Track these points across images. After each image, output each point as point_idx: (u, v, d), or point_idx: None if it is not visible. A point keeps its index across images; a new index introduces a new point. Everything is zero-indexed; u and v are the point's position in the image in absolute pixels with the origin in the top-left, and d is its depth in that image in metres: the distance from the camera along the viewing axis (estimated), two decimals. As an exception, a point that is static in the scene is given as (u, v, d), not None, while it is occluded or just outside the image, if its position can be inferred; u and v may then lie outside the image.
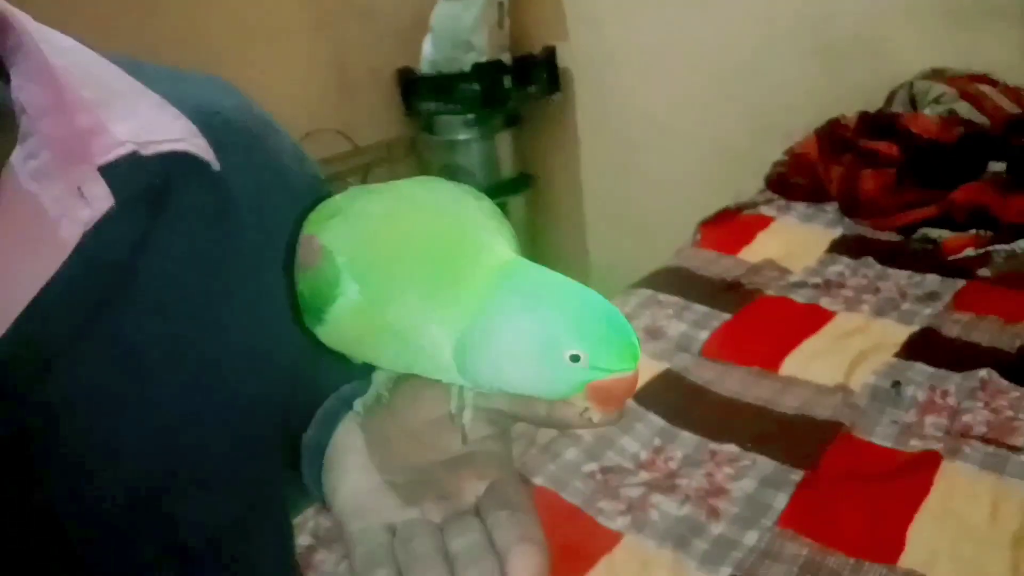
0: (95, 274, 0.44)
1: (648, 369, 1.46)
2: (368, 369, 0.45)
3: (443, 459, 0.43)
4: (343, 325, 0.41)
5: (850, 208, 1.96)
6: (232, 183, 0.49)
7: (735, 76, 2.51)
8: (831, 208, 2.00)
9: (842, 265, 1.76)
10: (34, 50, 0.44)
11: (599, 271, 2.98)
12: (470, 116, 2.73)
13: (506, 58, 2.73)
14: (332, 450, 0.46)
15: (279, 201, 0.50)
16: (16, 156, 0.43)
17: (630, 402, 1.36)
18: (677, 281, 1.78)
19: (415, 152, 2.87)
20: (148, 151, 0.45)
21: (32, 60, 0.44)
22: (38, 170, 0.42)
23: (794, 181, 2.11)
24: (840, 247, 1.85)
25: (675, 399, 1.38)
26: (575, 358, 0.36)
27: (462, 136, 2.78)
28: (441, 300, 0.38)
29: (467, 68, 2.65)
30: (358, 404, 0.45)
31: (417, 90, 2.78)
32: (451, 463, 0.42)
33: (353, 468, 0.44)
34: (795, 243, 1.89)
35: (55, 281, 0.42)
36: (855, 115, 2.10)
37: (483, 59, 2.64)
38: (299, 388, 0.52)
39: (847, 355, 1.43)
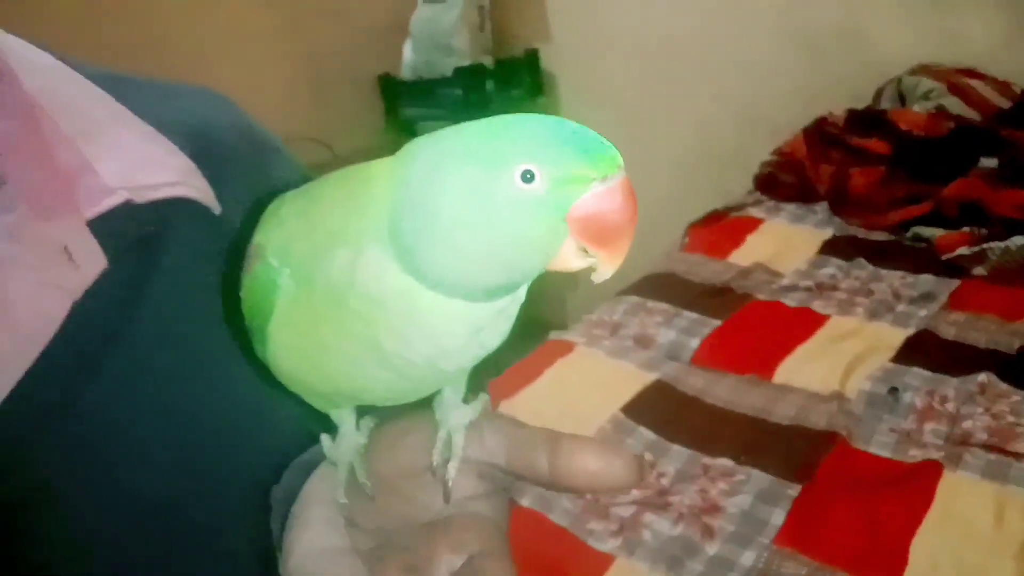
0: (79, 343, 0.38)
1: (638, 380, 1.41)
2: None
3: (421, 520, 0.36)
4: (287, 330, 0.34)
5: (840, 207, 1.92)
6: (231, 219, 0.42)
7: (719, 71, 2.47)
8: (821, 208, 1.96)
9: (834, 267, 1.72)
10: (4, 70, 0.37)
11: (586, 276, 2.94)
12: (453, 121, 2.68)
13: (488, 61, 2.68)
14: (298, 503, 0.39)
15: None
16: None
17: (621, 416, 1.32)
18: (666, 287, 1.73)
19: (397, 159, 2.83)
20: (143, 198, 0.38)
21: (3, 82, 0.37)
22: (14, 227, 0.36)
23: (783, 181, 2.06)
24: (831, 248, 1.80)
25: (666, 410, 1.33)
26: (528, 176, 0.28)
27: (445, 142, 2.73)
28: (357, 221, 0.31)
29: (448, 72, 2.60)
30: (328, 448, 0.38)
31: (398, 96, 2.73)
32: (429, 528, 0.36)
33: (315, 523, 0.37)
34: (785, 245, 1.85)
35: (37, 364, 0.36)
36: (843, 112, 2.07)
37: (464, 63, 2.60)
38: (292, 445, 0.44)
39: (842, 360, 1.39)
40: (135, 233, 0.39)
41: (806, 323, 1.53)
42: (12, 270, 0.36)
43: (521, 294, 0.33)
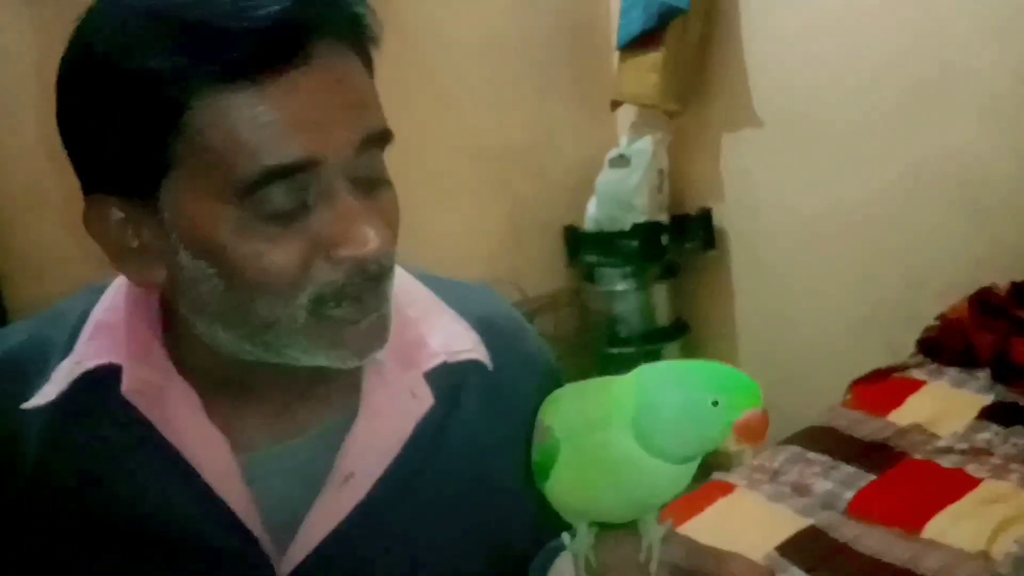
0: (416, 452, 0.63)
1: (793, 524, 1.56)
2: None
3: None
4: (562, 475, 0.58)
5: (1002, 374, 2.00)
6: (499, 375, 0.68)
7: (887, 235, 2.59)
8: (983, 374, 2.04)
9: (991, 432, 1.81)
10: None
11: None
12: (627, 268, 2.94)
13: (664, 218, 2.94)
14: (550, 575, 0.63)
15: (528, 386, 0.66)
16: (368, 363, 0.61)
17: (775, 554, 1.47)
18: (825, 439, 1.87)
19: (577, 301, 3.10)
20: (453, 359, 0.64)
21: None
22: (386, 373, 0.63)
23: (946, 345, 2.17)
24: (990, 414, 1.89)
25: (817, 554, 1.47)
26: (715, 403, 0.52)
27: (620, 287, 2.97)
28: (610, 415, 0.55)
29: (627, 227, 2.87)
30: (569, 542, 0.61)
31: (580, 244, 3.03)
32: None
33: None
34: (945, 407, 1.94)
35: (394, 461, 0.62)
36: (1007, 284, 2.16)
37: (643, 219, 2.87)
38: (540, 535, 0.68)
39: (990, 522, 1.48)
40: (448, 382, 0.65)
41: (959, 484, 1.63)
42: (384, 402, 0.63)
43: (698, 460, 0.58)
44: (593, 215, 3.00)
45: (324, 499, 0.61)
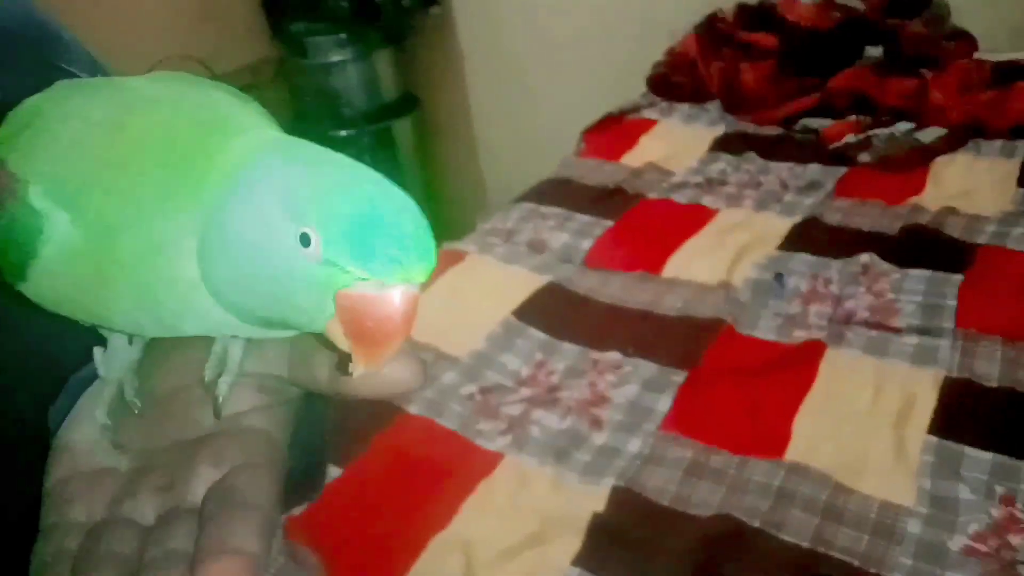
0: None
1: (530, 284, 1.39)
2: None
3: (190, 438, 0.33)
4: (56, 275, 0.30)
5: (731, 104, 1.91)
6: (10, 100, 0.38)
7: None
8: (713, 107, 1.95)
9: (724, 163, 1.72)
10: None
11: (494, 191, 2.89)
12: (342, 35, 2.57)
13: (375, -31, 2.56)
14: (65, 423, 0.35)
15: None
16: None
17: (512, 319, 1.30)
18: (559, 192, 1.71)
19: (284, 77, 2.70)
20: None
21: None
22: None
23: (675, 81, 2.04)
24: (722, 145, 1.80)
25: (557, 311, 1.32)
26: (304, 239, 0.26)
27: (336, 57, 2.61)
28: (182, 208, 0.28)
29: (334, -18, 2.48)
30: (99, 357, 0.35)
31: (282, 9, 2.60)
32: (193, 443, 0.33)
33: (78, 445, 0.34)
34: (677, 144, 1.83)
35: None
36: (733, 8, 2.04)
37: (350, -29, 2.48)
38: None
39: (729, 252, 1.39)
40: None
41: (695, 218, 1.52)
42: None
43: None
44: (291, -28, 2.56)
45: None
